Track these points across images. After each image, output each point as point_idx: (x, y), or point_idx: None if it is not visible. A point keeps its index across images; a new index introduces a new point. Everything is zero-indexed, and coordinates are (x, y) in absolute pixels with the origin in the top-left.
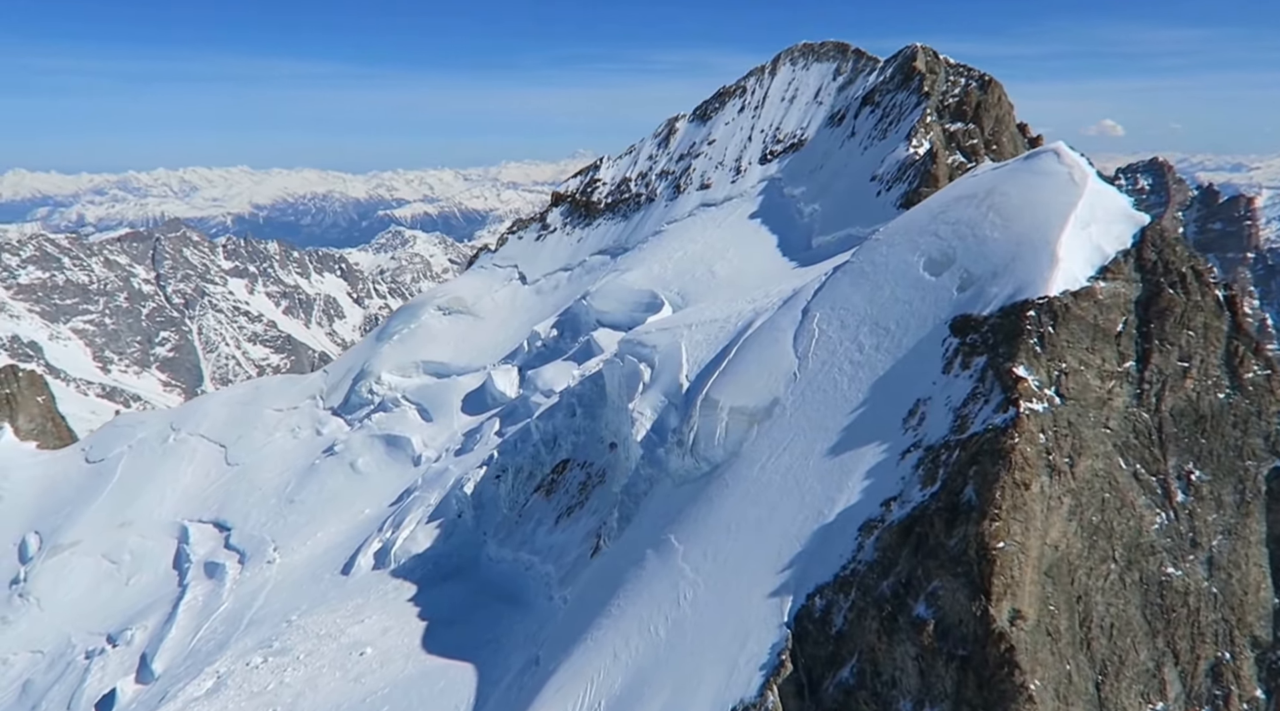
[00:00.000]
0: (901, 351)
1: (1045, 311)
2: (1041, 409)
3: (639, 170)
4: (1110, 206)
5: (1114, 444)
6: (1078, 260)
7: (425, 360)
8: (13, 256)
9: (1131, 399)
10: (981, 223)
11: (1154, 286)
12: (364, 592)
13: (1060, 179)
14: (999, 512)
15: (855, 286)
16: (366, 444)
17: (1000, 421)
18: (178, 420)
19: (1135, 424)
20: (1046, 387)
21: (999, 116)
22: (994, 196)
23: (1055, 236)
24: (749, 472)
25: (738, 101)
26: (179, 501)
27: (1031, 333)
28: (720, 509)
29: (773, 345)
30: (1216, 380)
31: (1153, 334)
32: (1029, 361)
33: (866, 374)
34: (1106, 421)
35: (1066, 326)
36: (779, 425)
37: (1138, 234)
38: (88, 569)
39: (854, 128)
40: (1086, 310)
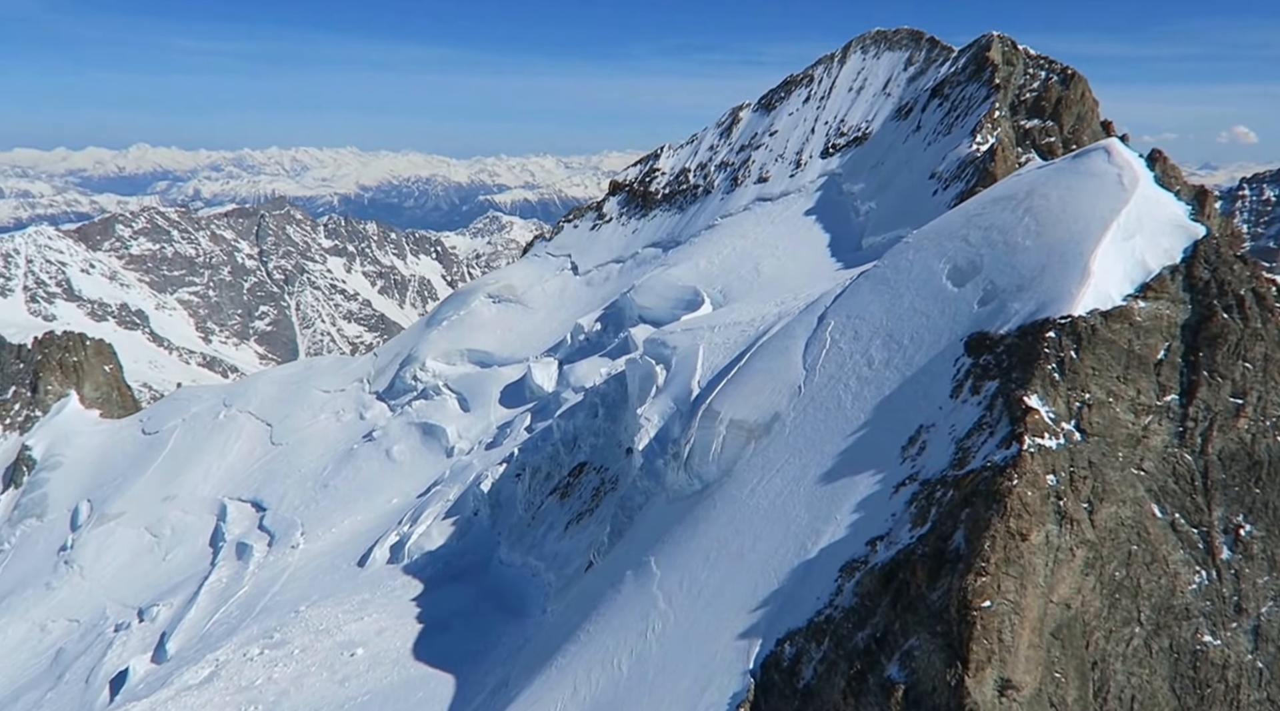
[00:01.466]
0: (911, 369)
1: (1068, 333)
2: (1055, 445)
3: (699, 161)
4: (1162, 215)
5: (1147, 489)
6: (1115, 275)
7: (470, 348)
8: (126, 227)
9: (1172, 438)
10: (1015, 228)
11: (1205, 309)
12: (372, 587)
13: (1107, 181)
14: (987, 566)
15: (875, 294)
16: (403, 431)
17: (1001, 459)
18: (230, 396)
19: (1175, 467)
20: (1064, 421)
21: (1081, 113)
22: (1032, 199)
23: (1090, 247)
24: (738, 495)
25: (803, 91)
26: (223, 478)
27: (1050, 357)
28: (704, 533)
29: (782, 355)
30: (1277, 421)
31: (1201, 364)
32: (1044, 390)
33: (872, 392)
34: (1140, 462)
35: (1093, 351)
36: (776, 443)
37: (1189, 248)
38: (130, 541)
39: (920, 121)
40: (1119, 333)
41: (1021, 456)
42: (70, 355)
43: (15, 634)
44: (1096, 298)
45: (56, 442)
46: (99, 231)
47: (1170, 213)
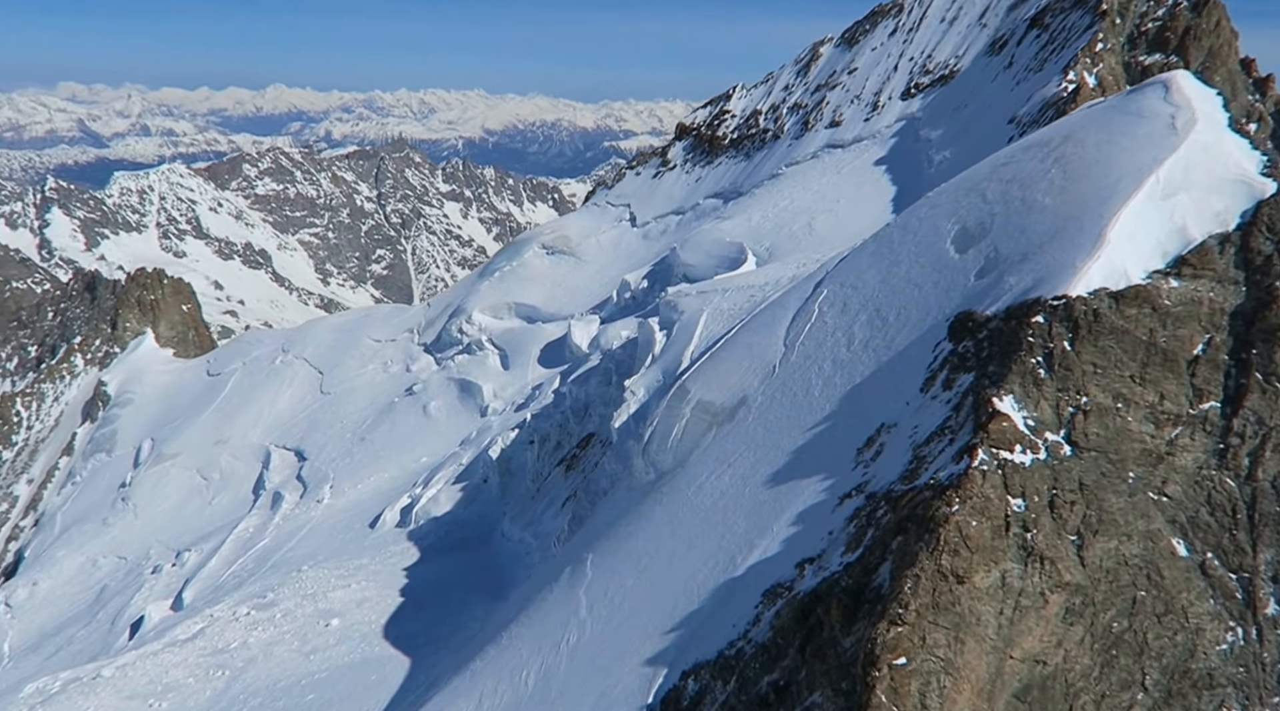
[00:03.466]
0: (889, 353)
1: (1061, 318)
2: (1030, 462)
3: (771, 102)
4: (1221, 169)
5: (1170, 520)
6: (1143, 245)
7: (518, 302)
8: (252, 167)
9: (1209, 457)
10: (1038, 182)
11: (1265, 293)
12: (373, 552)
13: (1157, 125)
14: (905, 613)
15: (875, 260)
16: (443, 387)
17: (947, 476)
18: (289, 341)
19: (1212, 494)
20: (1050, 430)
21: (1213, 48)
22: (1067, 145)
23: (1114, 208)
24: (685, 491)
25: (890, 22)
26: (272, 424)
27: (1035, 348)
28: (643, 533)
29: (768, 327)
30: None
31: (1254, 364)
32: (1024, 390)
33: (844, 378)
34: (1162, 486)
35: (1095, 342)
36: (736, 432)
37: (1249, 211)
38: (182, 482)
39: (1013, 56)
40: (1136, 321)
41: (968, 476)
42: (148, 293)
43: (70, 567)
44: (1108, 273)
45: (129, 380)
46: (227, 170)
47: (1234, 165)
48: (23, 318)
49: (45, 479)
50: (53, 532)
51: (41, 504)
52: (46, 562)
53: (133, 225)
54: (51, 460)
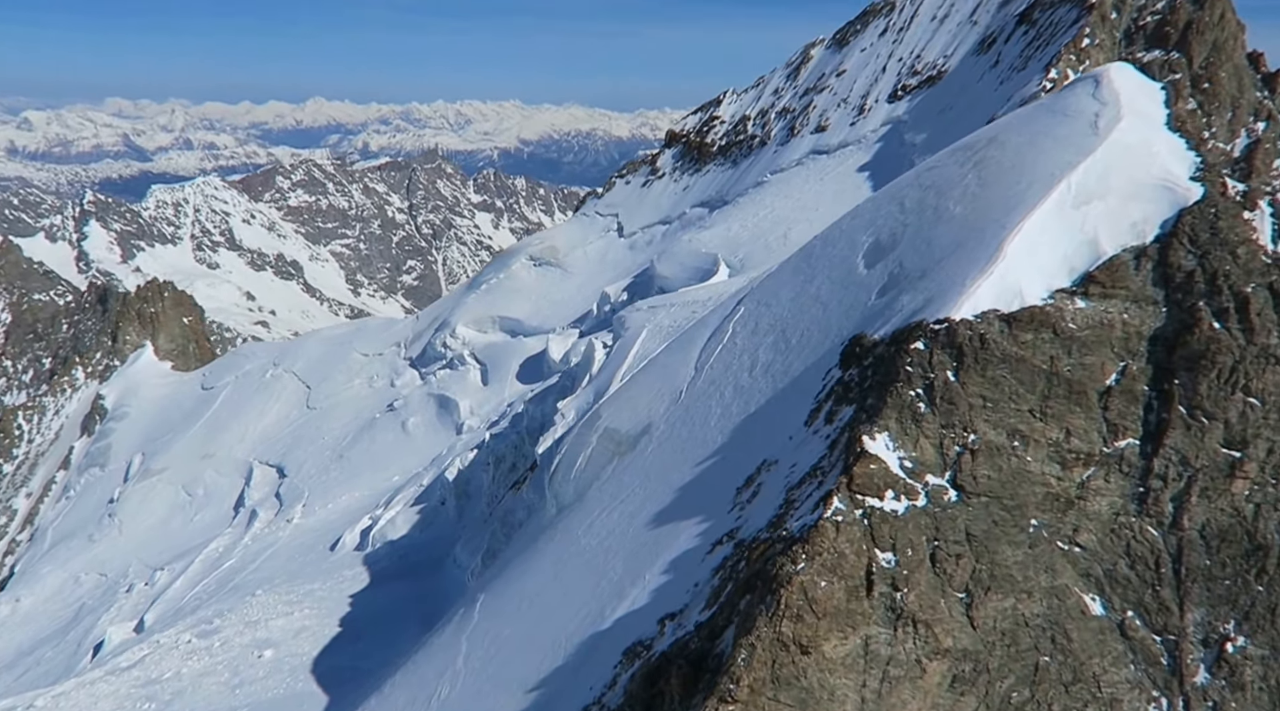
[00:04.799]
0: (786, 380)
1: (942, 344)
2: (903, 509)
3: (760, 107)
4: (1142, 172)
5: (1083, 574)
6: (1046, 260)
7: (502, 315)
8: (285, 179)
9: (1127, 501)
10: (953, 188)
11: (1188, 314)
12: (325, 577)
13: (1080, 124)
14: (737, 689)
15: (793, 275)
16: (422, 403)
17: (799, 527)
18: (280, 355)
19: (1131, 544)
20: (931, 473)
21: (1217, 42)
22: (990, 148)
23: (1017, 219)
24: (576, 530)
25: (881, 22)
26: (257, 440)
27: (914, 378)
28: (530, 574)
29: (683, 349)
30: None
31: (1176, 396)
32: (901, 426)
33: (740, 407)
34: (1073, 535)
35: (982, 371)
36: (634, 465)
37: (1170, 221)
38: (167, 498)
39: (1000, 54)
40: (1033, 347)
41: (818, 528)
42: (148, 306)
43: (53, 583)
44: (1000, 293)
45: (126, 393)
46: (261, 182)
47: (1158, 169)
48: (38, 330)
49: (43, 493)
50: (42, 548)
51: (38, 518)
52: (31, 579)
53: (168, 237)
54: (49, 474)
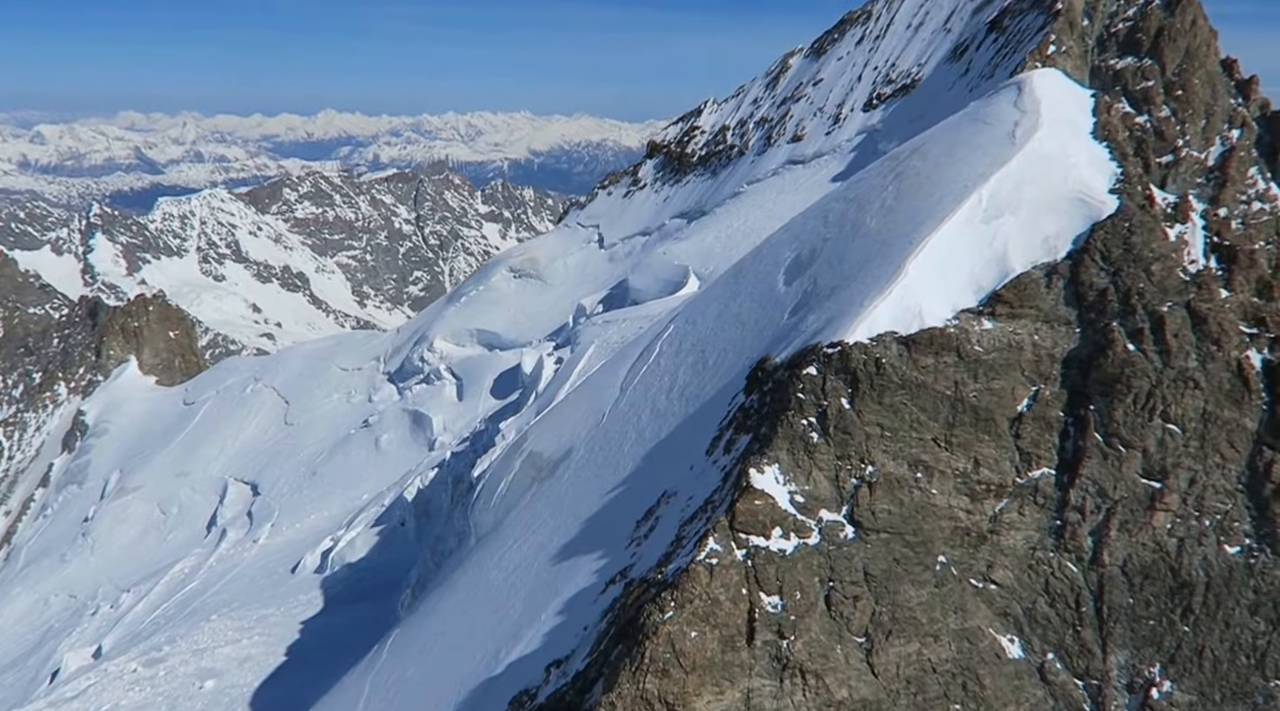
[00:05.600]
0: (697, 404)
1: (836, 369)
2: (792, 548)
3: (740, 117)
4: (1058, 184)
5: (999, 613)
6: (953, 278)
7: (480, 328)
8: (292, 191)
9: (1044, 535)
10: (873, 201)
11: (1101, 335)
12: (281, 601)
13: (998, 133)
14: None
15: (721, 291)
16: (396, 419)
17: (672, 571)
18: (262, 369)
19: (1050, 581)
20: (826, 507)
21: (1190, 48)
22: (912, 159)
23: (924, 235)
24: (488, 562)
25: (858, 31)
26: (234, 456)
27: (807, 406)
28: (439, 611)
29: (614, 369)
30: (1224, 519)
31: (1092, 422)
32: (793, 457)
33: (654, 432)
34: (986, 572)
35: (879, 398)
36: (552, 491)
37: (1083, 236)
38: (141, 517)
39: (971, 62)
40: (934, 371)
41: (689, 573)
42: (132, 320)
43: (22, 605)
44: (900, 313)
45: (108, 409)
46: (268, 195)
47: (1074, 181)
48: (30, 344)
49: (21, 511)
50: (15, 568)
51: (15, 537)
52: (1, 600)
53: (174, 250)
54: (29, 492)
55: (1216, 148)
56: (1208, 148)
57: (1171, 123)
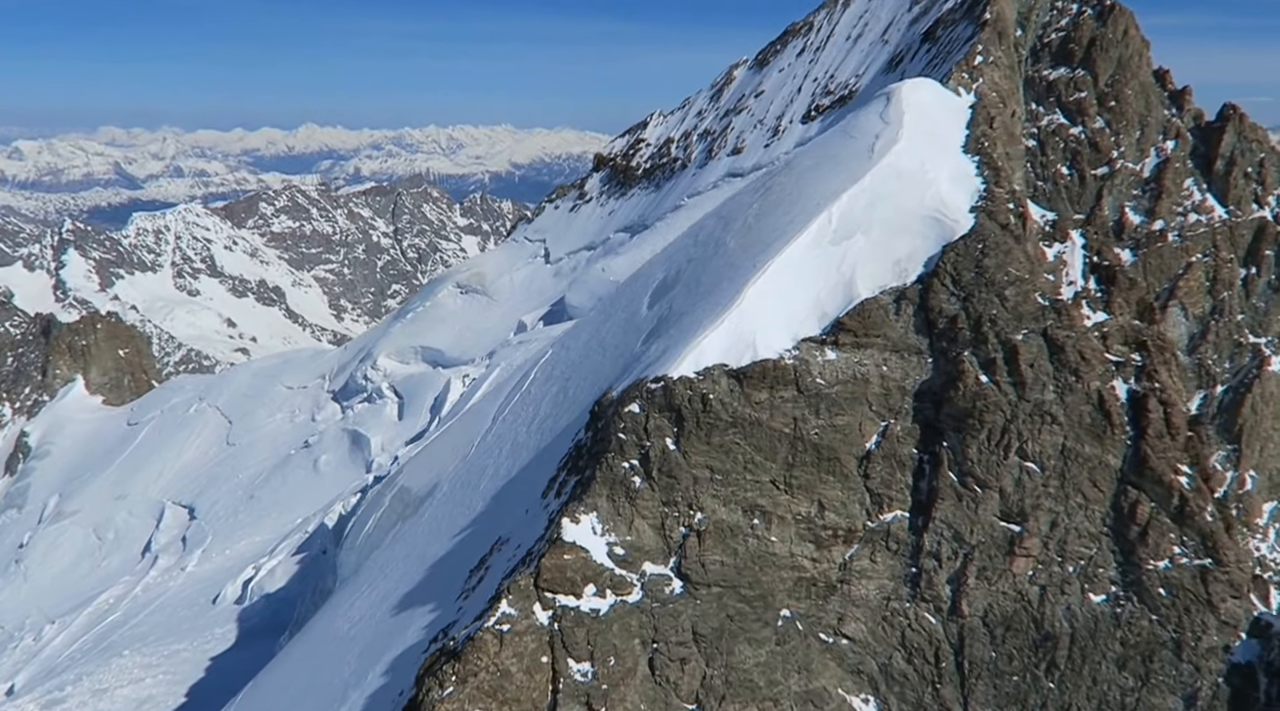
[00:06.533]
0: (549, 438)
1: (660, 407)
2: (606, 608)
3: (685, 128)
4: (914, 202)
5: (852, 670)
6: (795, 304)
7: (424, 345)
8: (269, 205)
9: (899, 584)
10: (737, 219)
11: (953, 365)
12: (195, 635)
13: (859, 147)
14: None
15: (597, 317)
16: (336, 440)
17: (464, 637)
18: (207, 388)
19: (906, 634)
20: (651, 559)
21: (1123, 59)
22: (780, 174)
23: (767, 258)
24: (336, 611)
25: (799, 42)
26: (173, 479)
27: (629, 447)
28: (287, 663)
29: (493, 398)
30: (1088, 565)
31: (945, 460)
32: (613, 504)
33: (509, 468)
34: (837, 626)
35: (707, 438)
36: (410, 532)
37: (935, 258)
38: (76, 542)
39: (904, 73)
40: (770, 407)
41: (474, 643)
42: (80, 339)
43: None
44: (732, 344)
45: (52, 430)
46: (244, 209)
47: (931, 198)
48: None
49: None
50: None
51: None
52: None
53: (147, 265)
54: None
55: (1151, 159)
56: (1143, 159)
57: (1106, 134)
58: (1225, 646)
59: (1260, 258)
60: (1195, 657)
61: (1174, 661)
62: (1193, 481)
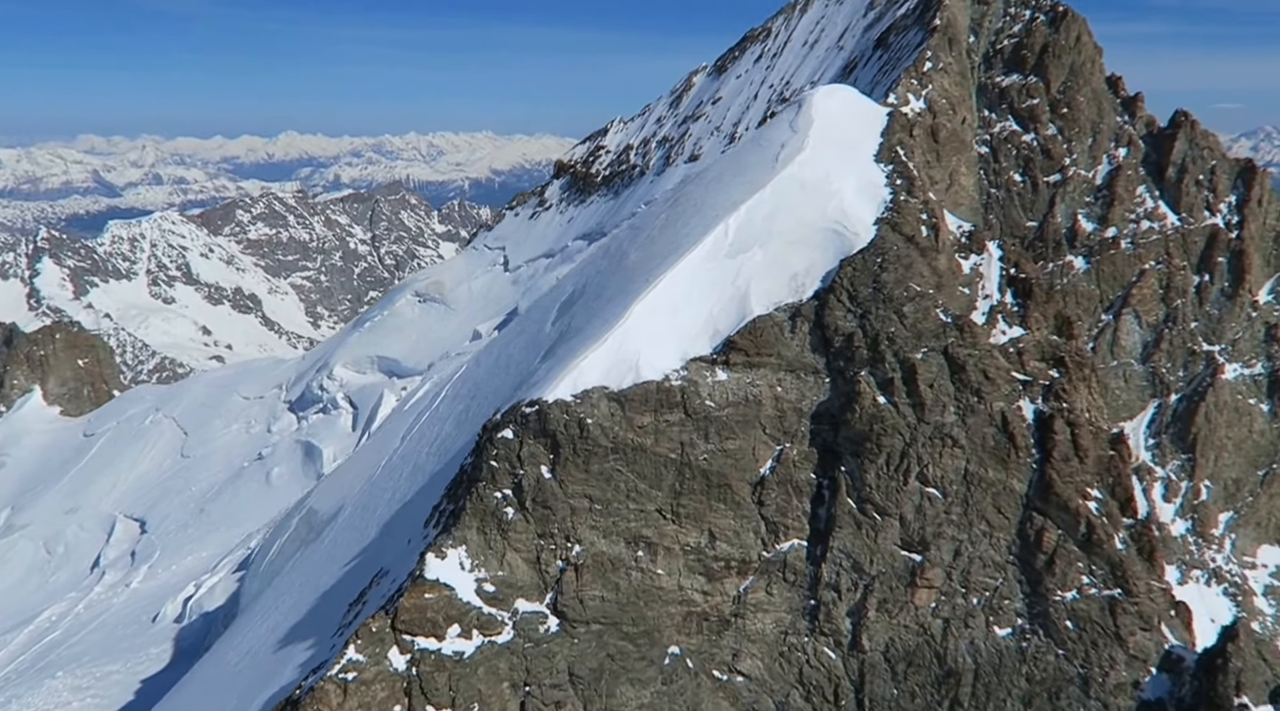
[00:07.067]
0: (443, 463)
1: (534, 432)
2: (472, 650)
3: (644, 136)
4: (815, 214)
5: (740, 709)
6: (686, 321)
7: (381, 355)
8: (245, 212)
9: (796, 617)
10: (644, 231)
11: (850, 385)
12: (130, 656)
13: (765, 156)
14: None
15: (510, 331)
16: (289, 451)
17: (309, 686)
18: (164, 399)
19: (804, 671)
20: (525, 595)
21: (1075, 65)
22: (690, 184)
23: (657, 274)
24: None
25: (757, 48)
26: (126, 491)
27: (501, 476)
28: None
29: (407, 417)
30: (992, 596)
31: (844, 486)
32: (484, 537)
33: (404, 494)
34: (732, 662)
35: (586, 465)
36: (307, 560)
37: (832, 273)
38: (26, 557)
39: (857, 79)
40: (654, 432)
41: (316, 694)
42: (38, 349)
43: None
44: (614, 365)
45: (8, 442)
46: (220, 216)
47: (833, 210)
48: None
49: None
50: None
51: None
52: None
53: (122, 273)
54: None
55: (1104, 166)
56: (1095, 166)
57: (1058, 141)
58: (1135, 682)
59: (1212, 265)
60: (1103, 694)
61: (1081, 698)
62: (1102, 507)
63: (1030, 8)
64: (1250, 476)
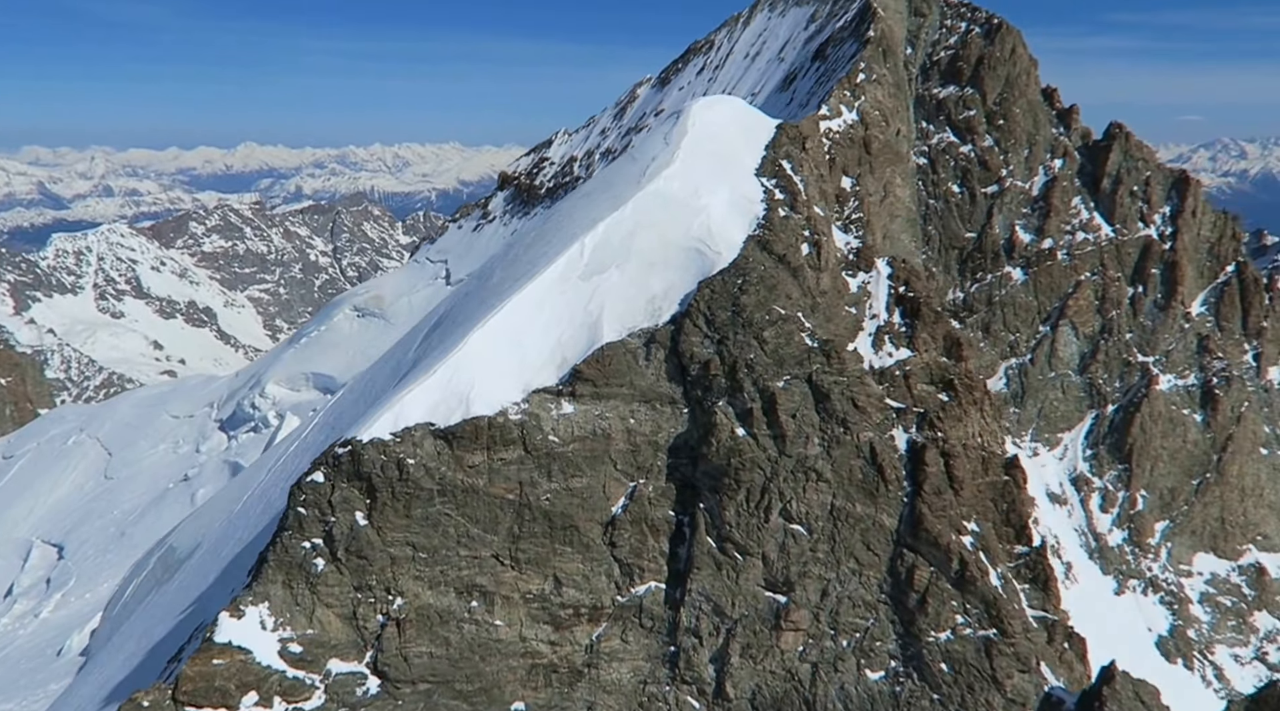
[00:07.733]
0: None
1: (348, 475)
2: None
3: (588, 147)
4: (678, 232)
5: None
6: (531, 350)
7: (316, 371)
8: (199, 225)
9: (655, 665)
10: (513, 248)
11: (707, 418)
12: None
13: (634, 171)
14: None
15: (388, 355)
16: (216, 472)
17: None
18: (89, 418)
19: None
20: (338, 654)
21: (1010, 77)
22: (567, 199)
23: (502, 299)
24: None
25: (700, 60)
26: (45, 514)
27: (310, 524)
28: None
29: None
30: (864, 638)
31: (703, 524)
32: (290, 592)
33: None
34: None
35: (407, 509)
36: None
37: (689, 297)
38: None
39: (795, 91)
40: (487, 472)
41: None
42: None
43: None
44: (444, 398)
45: None
46: (173, 228)
47: (698, 227)
48: None
49: None
50: None
51: None
52: None
53: (68, 287)
54: None
55: (1040, 178)
56: (1031, 178)
57: (995, 152)
58: None
59: (1146, 276)
60: None
61: None
62: (978, 541)
63: (966, 20)
64: (1185, 485)
